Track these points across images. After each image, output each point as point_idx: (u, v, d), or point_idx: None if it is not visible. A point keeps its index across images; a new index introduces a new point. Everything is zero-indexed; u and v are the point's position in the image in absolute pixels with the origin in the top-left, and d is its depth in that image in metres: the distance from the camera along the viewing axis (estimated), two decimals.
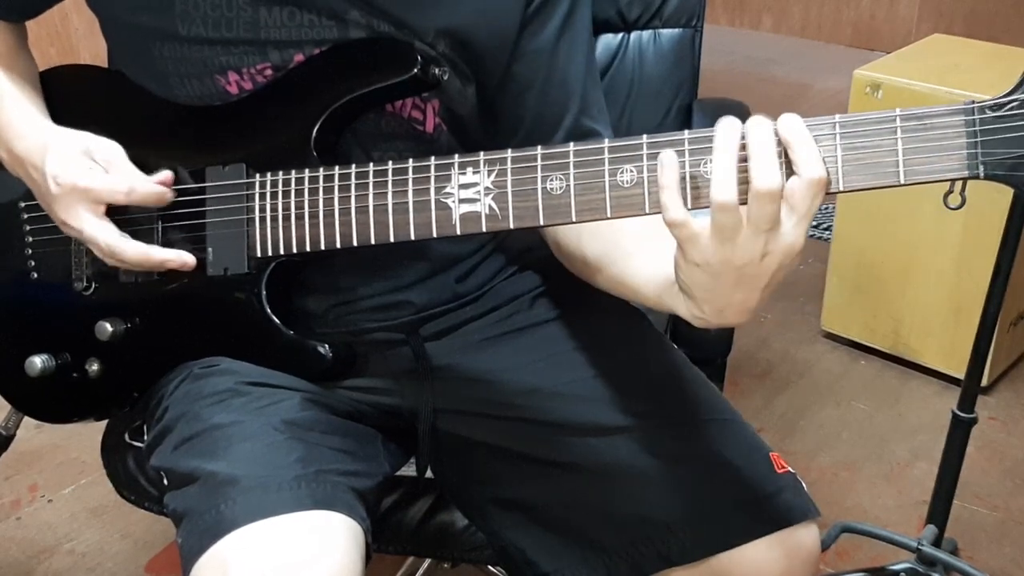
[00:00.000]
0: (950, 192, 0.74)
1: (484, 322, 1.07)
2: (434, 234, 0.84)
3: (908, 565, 1.55)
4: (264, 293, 0.93)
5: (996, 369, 2.13)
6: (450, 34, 0.94)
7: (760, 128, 0.72)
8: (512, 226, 0.82)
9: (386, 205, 0.86)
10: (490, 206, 0.82)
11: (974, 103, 0.70)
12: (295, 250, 0.90)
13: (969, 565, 1.54)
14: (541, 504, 0.98)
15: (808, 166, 0.71)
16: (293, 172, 0.90)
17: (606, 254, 0.94)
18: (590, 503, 0.95)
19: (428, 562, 1.54)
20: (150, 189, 0.92)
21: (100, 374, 1.00)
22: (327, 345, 0.95)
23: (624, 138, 0.78)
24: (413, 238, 0.85)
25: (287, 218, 0.90)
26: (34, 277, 1.03)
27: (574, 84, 1.00)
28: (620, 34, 1.40)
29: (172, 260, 0.92)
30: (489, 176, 0.82)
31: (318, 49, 0.93)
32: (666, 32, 1.40)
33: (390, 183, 0.86)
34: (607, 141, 0.78)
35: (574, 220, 0.79)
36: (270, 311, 0.94)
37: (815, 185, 0.71)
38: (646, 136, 0.77)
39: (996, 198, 1.30)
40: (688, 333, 1.22)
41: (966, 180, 0.72)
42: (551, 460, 0.98)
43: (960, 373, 1.54)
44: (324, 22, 0.92)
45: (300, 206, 0.90)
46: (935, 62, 2.05)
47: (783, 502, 0.91)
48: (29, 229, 1.03)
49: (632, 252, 0.90)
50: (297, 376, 0.97)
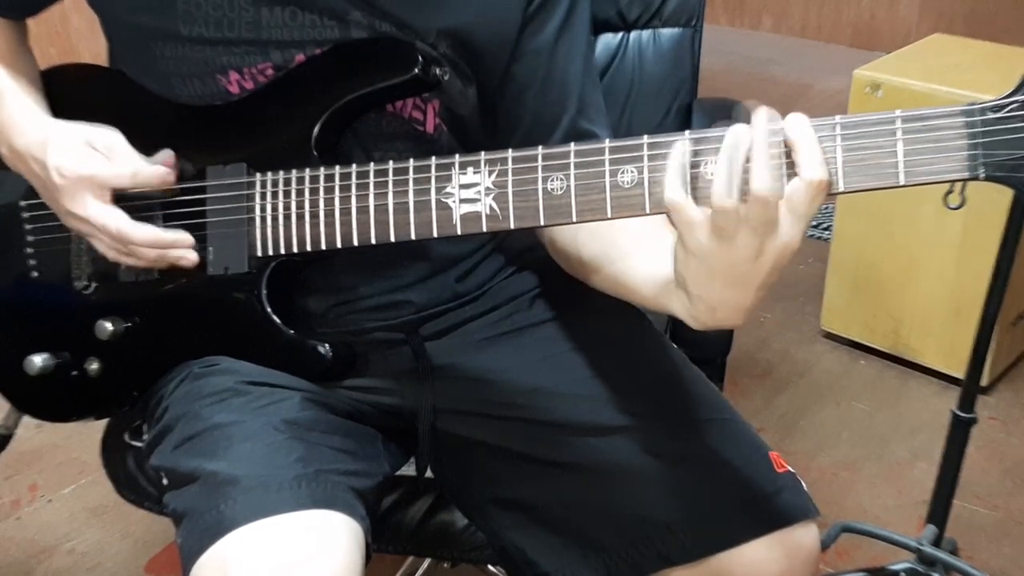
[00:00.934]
0: (950, 192, 0.74)
1: (484, 322, 1.07)
2: (435, 234, 0.84)
3: (908, 565, 1.55)
4: (264, 292, 0.93)
5: (996, 369, 2.13)
6: (451, 34, 0.94)
7: (767, 133, 0.71)
8: (513, 226, 0.82)
9: (387, 205, 0.86)
10: (491, 206, 0.82)
11: (975, 104, 0.70)
12: (295, 250, 0.90)
13: (969, 565, 1.54)
14: (541, 504, 0.98)
15: (810, 168, 0.71)
16: (294, 172, 0.90)
17: (603, 254, 0.94)
18: (590, 503, 0.95)
19: (428, 562, 1.54)
20: (154, 171, 0.92)
21: (100, 373, 1.00)
22: (327, 345, 0.95)
23: (625, 138, 0.78)
24: (414, 238, 0.85)
25: (287, 218, 0.90)
26: (34, 276, 1.03)
27: (572, 85, 1.01)
28: (620, 34, 1.40)
29: (180, 240, 0.92)
30: (490, 176, 0.82)
31: (319, 49, 0.93)
32: (666, 32, 1.40)
33: (391, 183, 0.86)
34: (608, 141, 0.78)
35: (575, 220, 0.80)
36: (270, 310, 0.94)
37: (815, 187, 0.71)
38: (647, 136, 0.77)
39: (996, 198, 1.29)
40: (688, 333, 1.21)
41: (966, 181, 0.72)
42: (551, 460, 0.98)
43: (960, 373, 1.54)
44: (326, 22, 0.92)
45: (301, 206, 0.90)
46: (935, 62, 2.05)
47: (783, 502, 0.91)
48: (29, 228, 1.03)
49: (629, 252, 0.90)
50: (297, 376, 0.97)
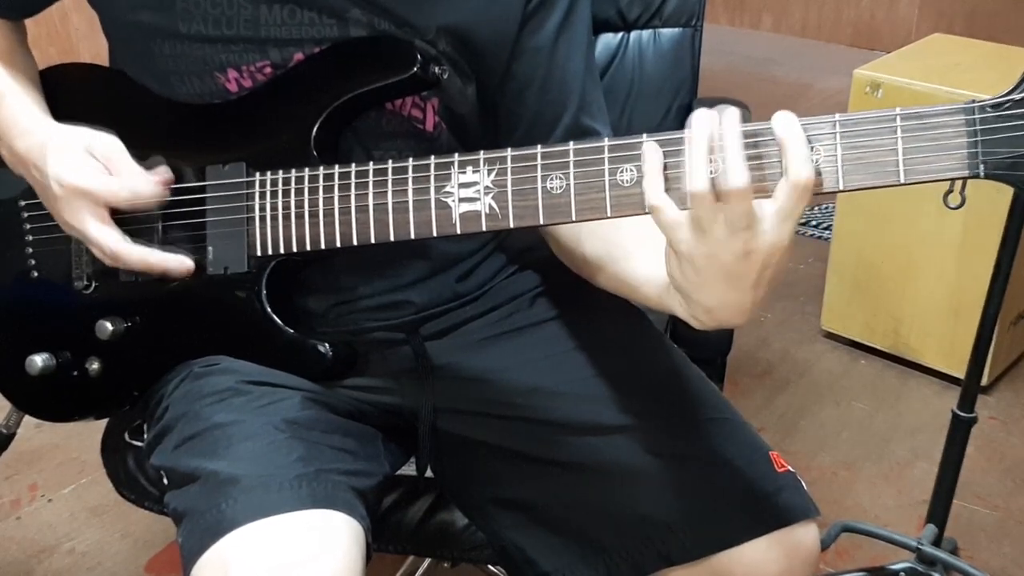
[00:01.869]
0: (950, 192, 0.74)
1: (484, 321, 1.07)
2: (434, 233, 0.84)
3: (908, 565, 1.55)
4: (264, 292, 0.93)
5: (996, 369, 2.13)
6: (450, 32, 0.94)
7: (726, 126, 0.72)
8: (512, 225, 0.82)
9: (386, 204, 0.86)
10: (490, 205, 0.82)
11: (974, 102, 0.70)
12: (295, 249, 0.90)
13: (969, 565, 1.54)
14: (541, 503, 0.98)
15: (795, 168, 0.70)
16: (293, 171, 0.90)
17: (606, 253, 0.94)
18: (590, 502, 0.95)
19: (428, 562, 1.54)
20: (151, 192, 0.92)
21: (100, 373, 1.00)
22: (327, 344, 0.95)
23: (624, 137, 0.78)
24: (413, 237, 0.85)
25: (287, 217, 0.90)
26: (34, 276, 1.03)
27: (573, 83, 1.01)
28: (620, 33, 1.40)
29: (172, 268, 0.92)
30: (489, 175, 0.82)
31: (318, 47, 0.93)
32: (666, 32, 1.40)
33: (390, 182, 0.86)
34: (607, 140, 0.78)
35: (574, 219, 0.79)
36: (270, 310, 0.94)
37: (799, 187, 0.70)
38: (646, 135, 0.77)
39: (996, 198, 1.30)
40: (688, 333, 1.22)
41: (966, 179, 0.72)
42: (551, 459, 0.98)
43: (960, 373, 1.54)
44: (324, 20, 0.92)
45: (300, 205, 0.90)
46: (935, 62, 2.05)
47: (783, 501, 0.91)
48: (29, 228, 1.03)
49: (632, 251, 0.90)
50: (298, 375, 0.97)
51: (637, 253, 0.89)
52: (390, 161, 0.86)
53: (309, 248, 0.90)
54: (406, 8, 0.92)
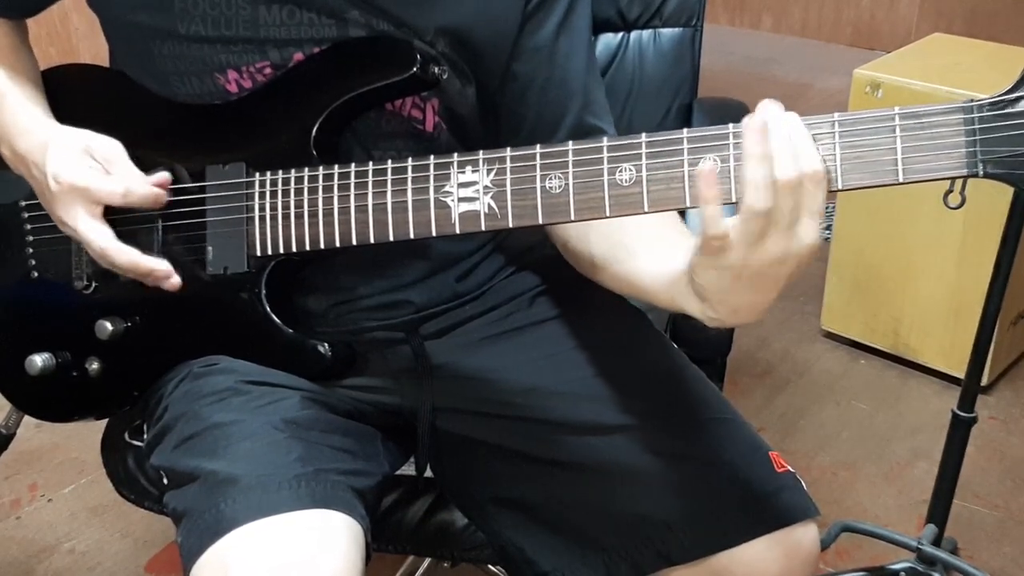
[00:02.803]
0: (950, 191, 0.74)
1: (484, 321, 1.07)
2: (433, 233, 0.85)
3: (908, 564, 1.55)
4: (264, 292, 0.93)
5: (996, 368, 2.13)
6: (449, 33, 0.94)
7: (782, 122, 0.71)
8: (511, 225, 0.82)
9: (385, 204, 0.86)
10: (489, 205, 0.82)
11: (972, 101, 0.70)
12: (295, 249, 0.90)
13: (969, 564, 1.54)
14: (541, 503, 0.98)
15: (808, 161, 0.70)
16: (293, 171, 0.90)
17: (614, 253, 0.94)
18: (590, 502, 0.95)
19: (428, 561, 1.54)
20: (146, 192, 0.92)
21: (100, 373, 1.01)
22: (327, 344, 0.95)
23: (623, 137, 0.78)
24: (412, 237, 0.85)
25: (287, 217, 0.90)
26: (34, 276, 1.03)
27: (575, 82, 1.01)
28: (620, 33, 1.40)
29: (159, 270, 0.92)
30: (488, 175, 0.82)
31: (317, 48, 0.93)
32: (666, 31, 1.40)
33: (389, 182, 0.86)
34: (606, 140, 0.78)
35: (573, 219, 0.80)
36: (270, 310, 0.94)
37: (810, 180, 0.70)
38: (645, 135, 0.77)
39: (996, 198, 1.30)
40: (688, 333, 1.22)
41: (966, 179, 0.72)
42: (550, 459, 0.98)
43: (960, 372, 1.54)
44: (323, 21, 0.92)
45: (300, 205, 0.90)
46: (935, 62, 2.05)
47: (783, 501, 0.91)
48: (30, 228, 1.03)
49: (641, 251, 0.90)
50: (297, 375, 0.97)
51: (646, 253, 0.89)
52: (389, 161, 0.86)
53: (308, 248, 0.90)
54: (404, 9, 0.92)
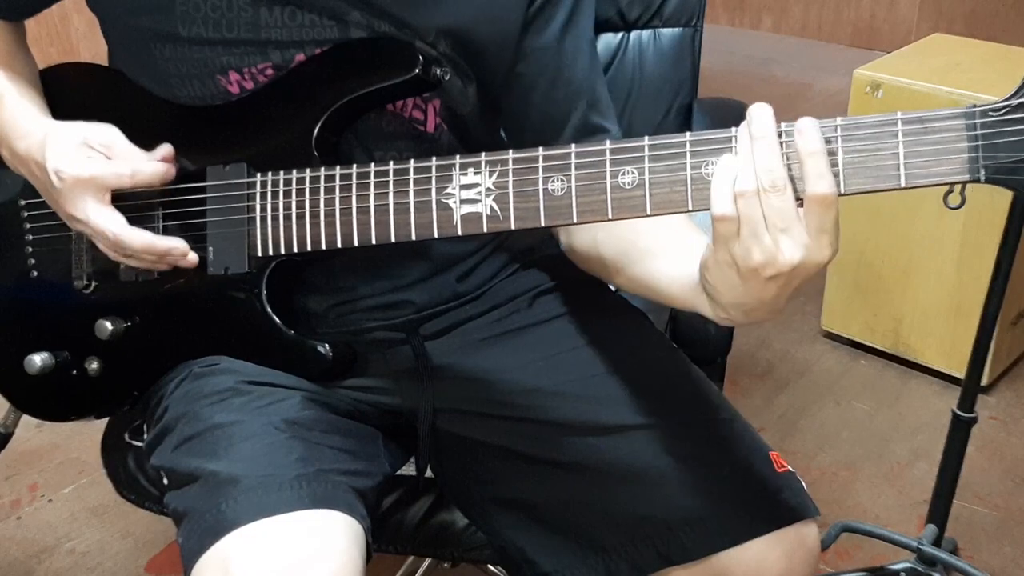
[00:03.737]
0: (950, 192, 0.74)
1: (484, 321, 1.06)
2: (435, 234, 0.85)
3: (908, 565, 1.56)
4: (264, 292, 0.93)
5: (996, 369, 2.13)
6: (451, 34, 0.94)
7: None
8: (513, 227, 0.82)
9: (387, 205, 0.86)
10: (491, 207, 0.82)
11: (975, 106, 0.70)
12: (295, 249, 0.90)
13: (969, 565, 1.55)
14: (541, 503, 0.98)
15: (815, 183, 0.71)
16: (294, 172, 0.90)
17: (624, 254, 0.94)
18: (590, 502, 0.95)
19: (428, 562, 1.54)
20: (153, 168, 0.92)
21: (100, 373, 1.00)
22: (327, 344, 0.95)
23: (625, 140, 0.78)
24: (414, 238, 0.85)
25: (288, 218, 0.90)
26: (34, 275, 1.03)
27: (580, 82, 1.01)
28: (620, 33, 1.40)
29: (175, 249, 0.92)
30: (490, 177, 0.82)
31: (319, 49, 0.93)
32: (666, 32, 1.40)
33: (391, 183, 0.86)
34: (608, 143, 0.78)
35: (575, 221, 0.80)
36: (270, 310, 0.94)
37: (815, 201, 0.71)
38: (647, 138, 0.77)
39: (996, 198, 1.30)
40: (688, 333, 1.22)
41: (967, 183, 0.72)
42: (551, 459, 0.98)
43: (960, 372, 1.54)
44: (325, 22, 0.92)
45: (301, 206, 0.90)
46: (935, 62, 2.05)
47: (783, 501, 0.91)
48: (30, 227, 1.03)
49: (652, 251, 0.90)
50: (297, 375, 0.97)
51: (658, 253, 0.89)
52: (391, 162, 0.86)
53: (309, 248, 0.90)
54: (406, 10, 0.92)
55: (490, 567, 1.38)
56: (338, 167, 0.88)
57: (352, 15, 0.92)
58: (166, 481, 0.93)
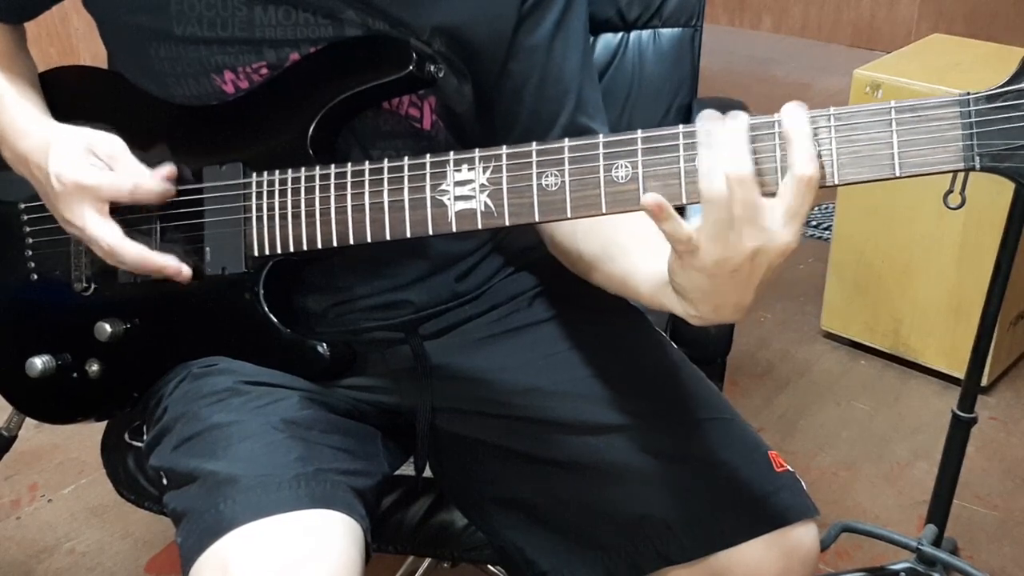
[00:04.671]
0: (950, 191, 0.74)
1: (483, 321, 1.07)
2: (430, 232, 0.85)
3: (908, 565, 1.55)
4: (262, 292, 0.93)
5: (996, 369, 2.13)
6: (446, 32, 0.94)
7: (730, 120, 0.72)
8: (508, 223, 0.82)
9: (382, 203, 0.86)
10: (486, 203, 0.82)
11: (969, 94, 0.70)
12: (292, 249, 0.90)
13: (969, 565, 1.55)
14: (540, 503, 0.98)
15: (800, 163, 0.70)
16: (290, 171, 0.90)
17: (603, 250, 0.93)
18: (589, 502, 0.95)
19: (428, 562, 1.54)
20: (154, 186, 0.92)
21: (100, 374, 1.01)
22: (326, 344, 0.95)
23: (619, 134, 0.78)
24: (409, 236, 0.85)
25: (284, 217, 0.90)
26: (34, 278, 1.03)
27: (570, 82, 1.01)
28: (620, 33, 1.40)
29: (169, 267, 0.92)
30: (484, 173, 0.82)
31: (314, 48, 0.93)
32: (666, 32, 1.40)
33: (386, 181, 0.86)
34: (602, 137, 0.78)
35: (569, 216, 0.80)
36: (268, 310, 0.94)
37: (805, 183, 0.70)
38: (641, 131, 0.77)
39: (996, 198, 1.30)
40: (688, 333, 1.22)
41: (964, 174, 0.72)
42: (550, 459, 0.98)
43: (960, 373, 1.54)
44: (320, 21, 0.92)
45: (297, 205, 0.90)
46: (935, 62, 2.05)
47: (782, 501, 0.91)
48: (29, 230, 1.03)
49: (628, 249, 0.90)
50: (296, 375, 0.97)
51: (633, 251, 0.89)
52: (386, 160, 0.86)
53: (306, 248, 0.90)
54: (401, 8, 0.92)
55: (490, 567, 1.38)
56: (333, 166, 0.88)
57: (347, 13, 0.92)
58: (165, 481, 0.93)
